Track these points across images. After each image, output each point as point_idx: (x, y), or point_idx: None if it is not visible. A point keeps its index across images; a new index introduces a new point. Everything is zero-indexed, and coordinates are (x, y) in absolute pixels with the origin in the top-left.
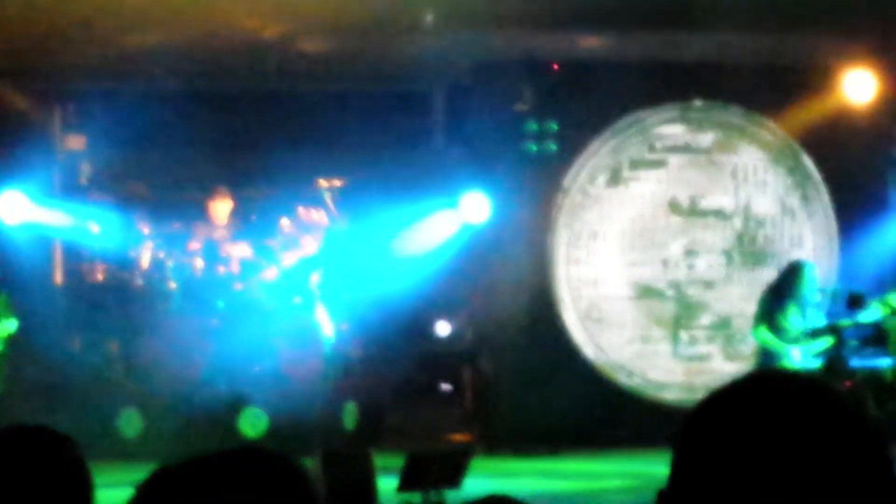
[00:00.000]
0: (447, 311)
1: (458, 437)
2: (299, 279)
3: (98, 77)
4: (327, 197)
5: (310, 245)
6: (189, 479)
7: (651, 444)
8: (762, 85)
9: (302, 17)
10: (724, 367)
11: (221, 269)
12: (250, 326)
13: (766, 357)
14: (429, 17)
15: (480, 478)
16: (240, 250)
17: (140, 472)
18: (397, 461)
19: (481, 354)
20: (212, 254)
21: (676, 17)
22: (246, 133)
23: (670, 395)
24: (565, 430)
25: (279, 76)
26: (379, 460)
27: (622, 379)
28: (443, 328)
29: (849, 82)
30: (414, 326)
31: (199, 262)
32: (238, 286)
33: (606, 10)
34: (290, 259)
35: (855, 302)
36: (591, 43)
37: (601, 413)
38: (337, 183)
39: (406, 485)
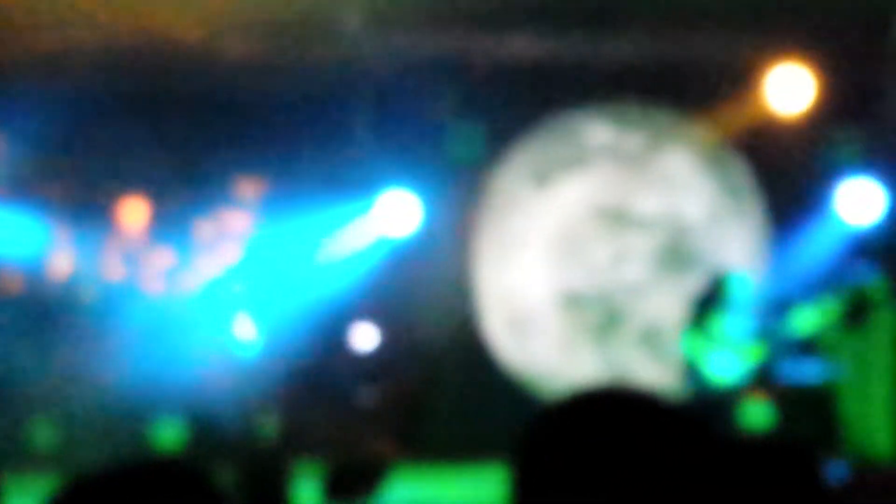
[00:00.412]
0: (370, 319)
1: (381, 447)
2: (220, 286)
3: (13, 77)
4: (249, 201)
5: (231, 251)
6: (101, 493)
7: None
8: (692, 86)
9: (224, 18)
10: (651, 376)
11: (140, 276)
12: (169, 335)
13: (693, 367)
14: (353, 18)
15: (403, 487)
16: (159, 256)
17: (53, 484)
18: (318, 471)
19: (404, 363)
20: (130, 261)
21: (604, 17)
22: (167, 136)
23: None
24: (488, 438)
25: (201, 78)
26: (300, 471)
27: (547, 387)
28: (365, 336)
29: (782, 82)
30: (336, 334)
31: (118, 270)
32: (157, 293)
33: (533, 11)
34: (210, 265)
35: (785, 310)
36: (517, 44)
37: (525, 421)
38: (259, 187)
39: (327, 495)
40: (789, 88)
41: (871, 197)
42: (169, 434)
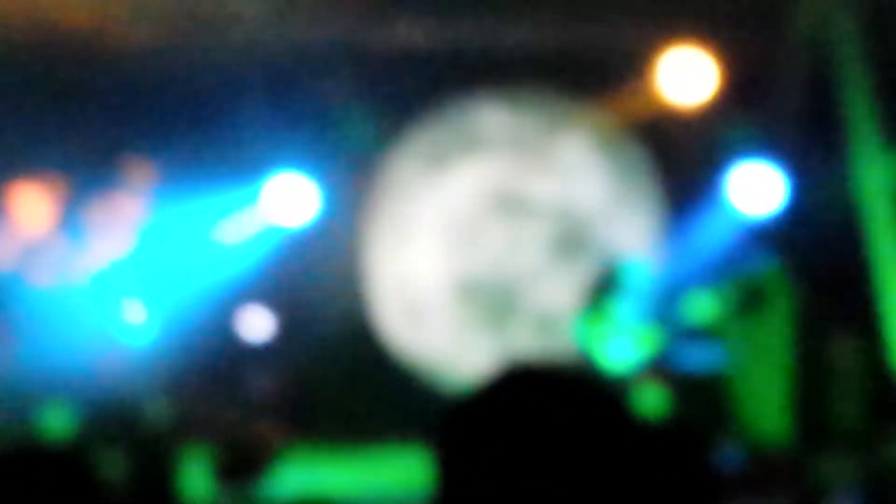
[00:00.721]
0: (260, 304)
1: (270, 430)
2: (111, 272)
3: None
4: (142, 186)
5: (122, 236)
6: None
7: None
8: (588, 72)
9: (118, 5)
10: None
11: (30, 263)
12: (59, 320)
13: (589, 353)
14: (249, 3)
15: (292, 470)
16: (50, 243)
17: None
18: (209, 456)
19: (294, 347)
20: (20, 247)
21: (500, 2)
22: (58, 123)
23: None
24: (380, 423)
25: (94, 62)
26: (189, 453)
27: (440, 375)
28: (256, 320)
29: (678, 68)
30: (225, 318)
31: (8, 256)
32: (46, 279)
33: None
34: (101, 251)
35: (680, 297)
36: (411, 30)
37: (418, 409)
38: (152, 172)
39: (219, 480)
40: (686, 75)
41: (768, 184)
42: (58, 421)
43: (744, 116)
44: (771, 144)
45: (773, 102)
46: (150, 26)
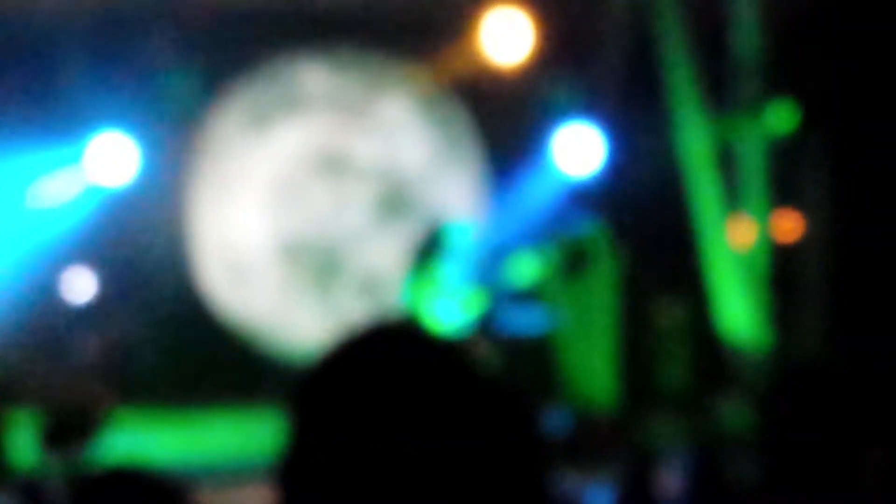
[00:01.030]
0: (82, 265)
1: (96, 395)
2: None
3: None
4: None
5: None
6: None
7: None
8: (409, 32)
9: None
10: None
11: None
12: None
13: (416, 315)
14: None
15: (118, 434)
16: None
17: None
18: (35, 421)
19: (117, 310)
20: None
21: None
22: None
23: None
24: (206, 387)
25: None
26: (14, 419)
27: (265, 337)
28: (77, 284)
29: (499, 28)
30: (46, 282)
31: None
32: None
33: None
34: None
35: (504, 258)
36: None
37: (243, 371)
38: None
39: (45, 445)
40: (507, 34)
41: (590, 145)
42: None
43: (565, 77)
44: (592, 105)
45: (595, 63)
46: None
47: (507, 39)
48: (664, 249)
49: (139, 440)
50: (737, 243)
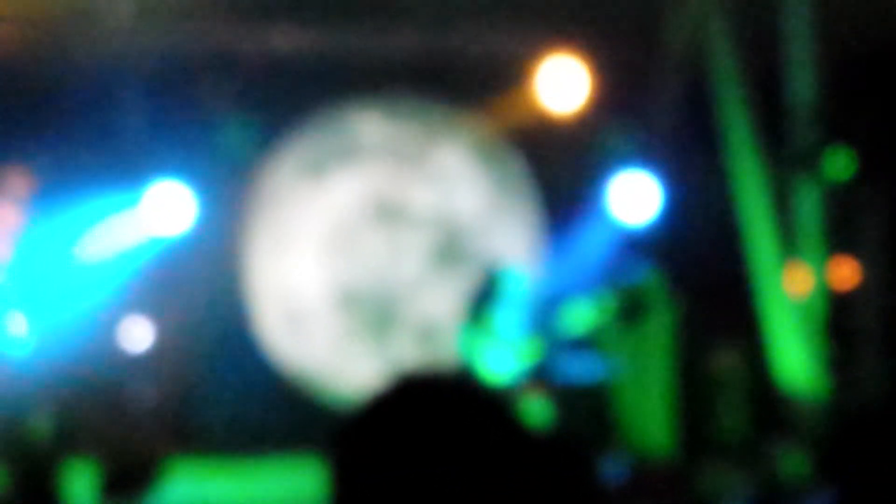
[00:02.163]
0: (142, 315)
1: (154, 442)
2: None
3: None
4: (19, 195)
5: (0, 247)
6: None
7: None
8: (465, 81)
9: None
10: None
11: None
12: None
13: (471, 363)
14: (123, 10)
15: (178, 484)
16: None
17: None
18: (93, 471)
19: (177, 360)
20: None
21: (376, 12)
22: None
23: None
24: (264, 436)
25: None
26: (73, 468)
27: (320, 385)
28: (138, 332)
29: (555, 77)
30: (108, 330)
31: None
32: None
33: (302, 4)
34: None
35: (559, 307)
36: (289, 37)
37: (301, 419)
38: (29, 181)
39: (104, 494)
40: (562, 83)
41: (646, 193)
42: None
43: (620, 125)
44: (648, 153)
45: (650, 111)
46: (24, 32)
47: (562, 87)
48: (721, 297)
49: (197, 489)
50: (793, 291)
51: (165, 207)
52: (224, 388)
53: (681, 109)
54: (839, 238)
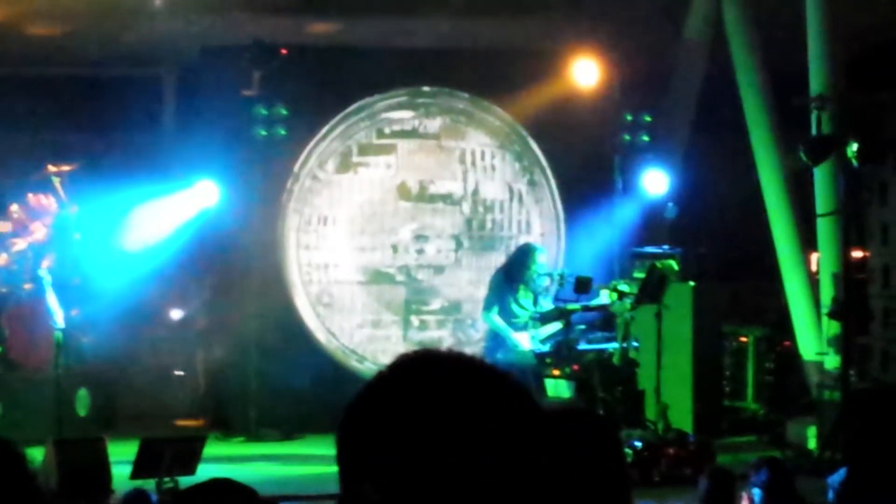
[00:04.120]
0: (179, 297)
1: (192, 423)
2: (29, 266)
3: None
4: (57, 182)
5: (39, 231)
6: None
7: None
8: (489, 71)
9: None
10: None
11: None
12: None
13: (496, 341)
14: (157, 1)
15: (214, 463)
16: None
17: None
18: (131, 447)
19: (214, 340)
20: None
21: (403, 3)
22: None
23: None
24: (298, 414)
25: (4, 60)
26: (112, 447)
27: (354, 364)
28: (175, 313)
29: (575, 68)
30: (146, 311)
31: None
32: None
33: None
34: (19, 245)
35: (582, 286)
36: (319, 28)
37: (334, 398)
38: (67, 168)
39: (139, 471)
40: (584, 75)
41: (668, 177)
42: None
43: (643, 113)
44: (670, 139)
45: (673, 99)
46: (62, 25)
47: (585, 76)
48: (740, 278)
49: (233, 470)
50: (811, 272)
51: (203, 193)
52: (262, 367)
53: (701, 98)
54: (857, 222)
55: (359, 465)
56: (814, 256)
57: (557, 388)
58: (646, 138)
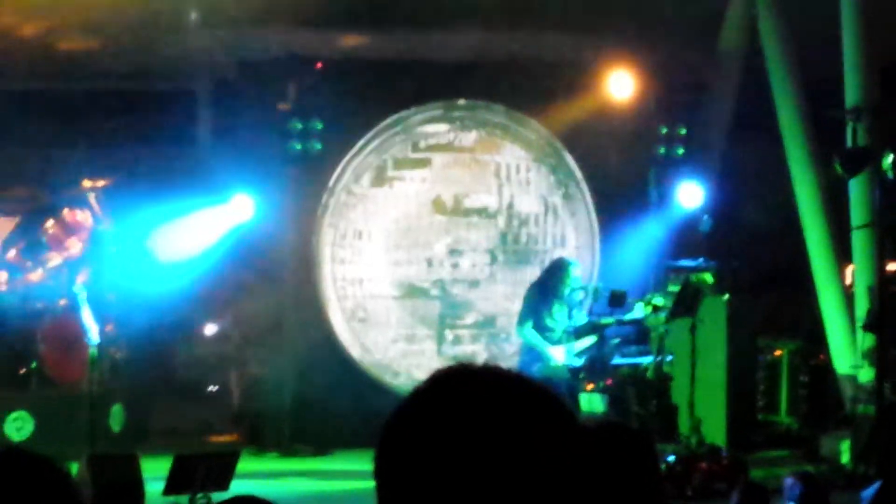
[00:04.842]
0: (214, 312)
1: (225, 439)
2: (64, 281)
3: None
4: (92, 197)
5: (75, 246)
6: None
7: None
8: (524, 84)
9: (61, 14)
10: None
11: None
12: (15, 329)
13: (530, 355)
14: (192, 15)
15: (248, 479)
16: (5, 252)
17: None
18: (164, 463)
19: (248, 355)
20: None
21: (439, 16)
22: (6, 134)
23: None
24: (333, 430)
25: (38, 75)
26: (146, 462)
27: (388, 379)
28: (209, 329)
29: (609, 82)
30: (180, 327)
31: None
32: (2, 288)
33: (368, 9)
34: (55, 261)
35: (616, 300)
36: (353, 42)
37: (368, 413)
38: (102, 183)
39: (173, 487)
40: (619, 88)
41: (703, 190)
42: (17, 426)
43: (678, 125)
44: (706, 152)
45: (706, 111)
46: (96, 40)
47: (620, 89)
48: (774, 291)
49: (267, 486)
50: (846, 286)
51: (238, 207)
52: (296, 382)
53: (736, 110)
54: (892, 234)
55: (397, 482)
56: (849, 269)
57: (591, 402)
58: (681, 151)
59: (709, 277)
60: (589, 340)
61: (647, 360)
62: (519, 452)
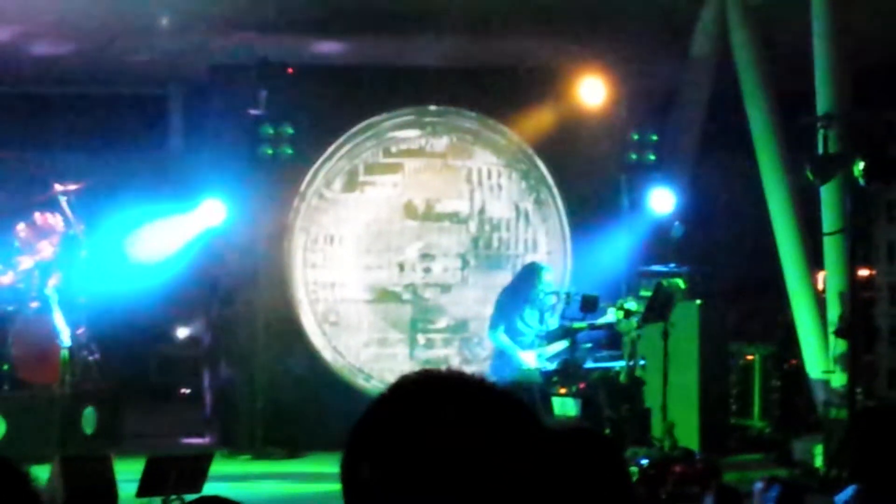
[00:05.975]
0: (186, 315)
1: (198, 441)
2: (36, 284)
3: None
4: (64, 201)
5: (46, 250)
6: None
7: None
8: (495, 90)
9: (32, 19)
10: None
11: None
12: None
13: (502, 360)
14: (163, 20)
15: (220, 481)
16: None
17: None
18: (137, 465)
19: (220, 358)
20: None
21: (410, 22)
22: None
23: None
24: (305, 433)
25: (10, 79)
26: (119, 464)
27: (360, 382)
28: (181, 331)
29: (581, 88)
30: (152, 330)
31: None
32: None
33: (339, 15)
34: (26, 264)
35: (588, 305)
36: (325, 47)
37: (340, 416)
38: (73, 187)
39: (146, 489)
40: (591, 94)
41: (674, 196)
42: None
43: (649, 132)
44: (677, 158)
45: (678, 119)
46: (67, 43)
47: (590, 95)
48: (746, 296)
49: (239, 489)
50: (818, 291)
51: (208, 212)
52: (268, 385)
53: (707, 117)
54: (863, 240)
55: (361, 486)
56: (820, 275)
57: (564, 406)
58: (652, 157)
59: (681, 283)
60: (561, 345)
61: (619, 365)
62: (482, 457)
